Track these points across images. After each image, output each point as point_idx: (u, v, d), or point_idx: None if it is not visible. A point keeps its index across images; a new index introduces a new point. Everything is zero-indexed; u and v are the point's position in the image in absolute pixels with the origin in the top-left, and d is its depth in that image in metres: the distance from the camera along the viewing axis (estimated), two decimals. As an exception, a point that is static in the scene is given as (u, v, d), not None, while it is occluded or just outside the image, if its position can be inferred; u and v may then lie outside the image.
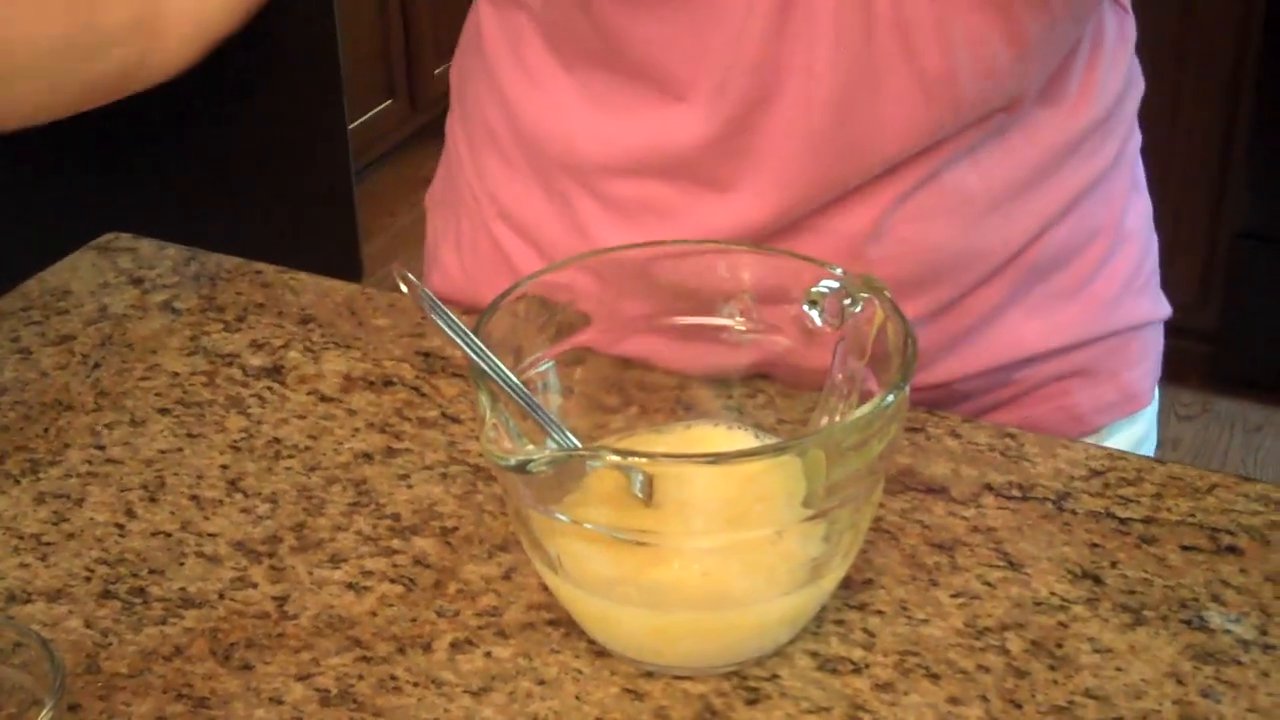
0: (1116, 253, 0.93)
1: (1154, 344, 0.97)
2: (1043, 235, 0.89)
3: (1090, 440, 0.93)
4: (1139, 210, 0.96)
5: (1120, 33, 0.91)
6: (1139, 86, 0.94)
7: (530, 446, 0.60)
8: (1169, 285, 0.96)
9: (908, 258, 0.85)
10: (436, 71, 3.37)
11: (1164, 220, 3.02)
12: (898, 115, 0.81)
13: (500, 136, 0.92)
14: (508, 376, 0.66)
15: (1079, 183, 0.89)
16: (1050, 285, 0.90)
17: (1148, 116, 0.96)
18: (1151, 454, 1.00)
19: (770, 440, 0.74)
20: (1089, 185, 0.90)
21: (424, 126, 3.44)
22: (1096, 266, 0.92)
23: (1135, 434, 0.97)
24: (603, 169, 0.87)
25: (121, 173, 1.85)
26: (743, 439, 0.74)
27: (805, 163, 0.82)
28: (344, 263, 2.45)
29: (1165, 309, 0.98)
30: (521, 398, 0.66)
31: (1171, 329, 0.99)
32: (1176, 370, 2.71)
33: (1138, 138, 0.96)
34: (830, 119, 0.81)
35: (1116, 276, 0.93)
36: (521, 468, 0.60)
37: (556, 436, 0.67)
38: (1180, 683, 0.67)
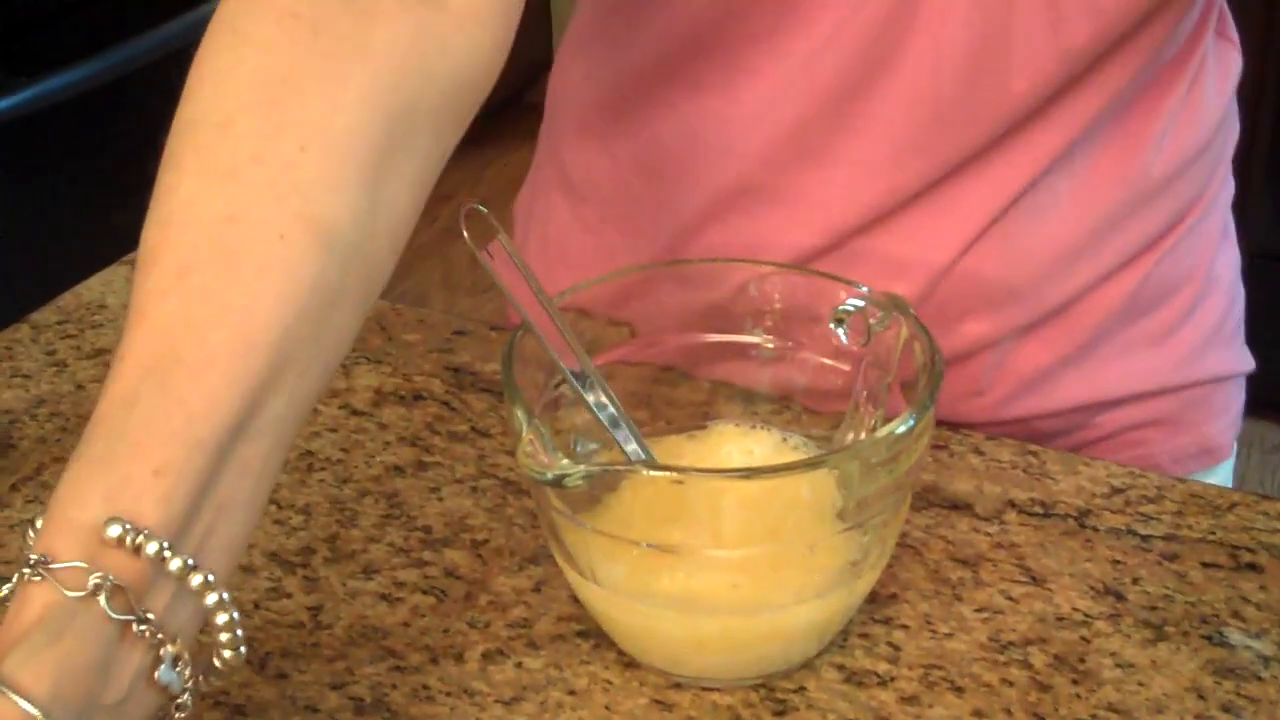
0: (1204, 300, 0.92)
1: (1236, 397, 0.97)
2: (1132, 272, 0.87)
3: None
4: (1228, 259, 0.95)
5: (1222, 67, 0.89)
6: (1235, 130, 0.93)
7: (566, 461, 0.61)
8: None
9: (997, 267, 0.84)
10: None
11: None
12: (1024, 81, 0.78)
13: (596, 126, 0.91)
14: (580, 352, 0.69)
15: (1167, 217, 0.88)
16: (1137, 330, 0.89)
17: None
18: None
19: (795, 441, 0.76)
20: (1178, 223, 0.88)
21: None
22: (1184, 314, 0.90)
23: None
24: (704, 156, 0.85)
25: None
26: (765, 438, 0.76)
27: (922, 132, 0.80)
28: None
29: (1249, 362, 0.97)
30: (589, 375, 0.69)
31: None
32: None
33: (1230, 185, 0.95)
34: (958, 83, 0.78)
35: (1203, 325, 0.92)
36: (558, 482, 0.61)
37: (621, 423, 0.69)
38: (1201, 698, 0.68)
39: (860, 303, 0.73)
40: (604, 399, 0.69)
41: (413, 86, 0.60)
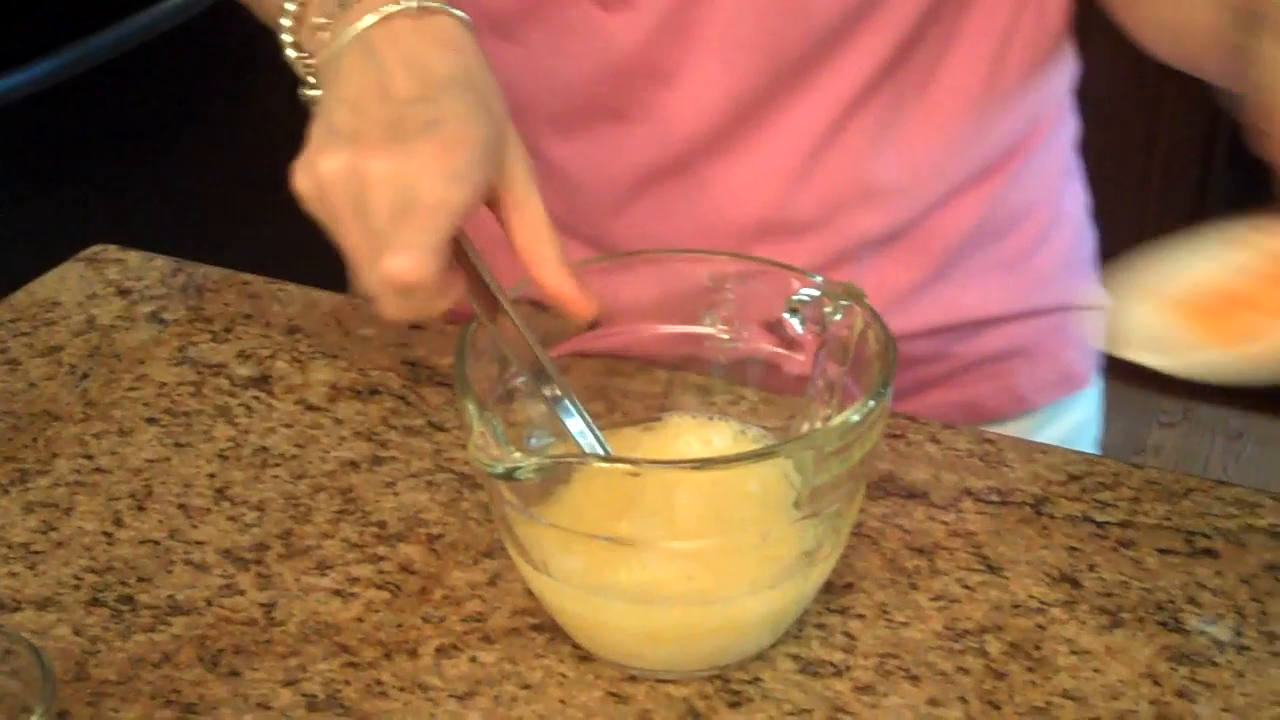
0: (1054, 231, 0.97)
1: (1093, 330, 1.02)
2: (980, 193, 0.92)
3: (1032, 420, 0.97)
4: (1076, 197, 1.01)
5: (1052, 3, 0.92)
6: (1071, 67, 0.97)
7: (517, 454, 0.61)
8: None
9: (847, 180, 0.89)
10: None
11: (1146, 231, 3.03)
12: None
13: None
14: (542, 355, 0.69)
15: (1011, 136, 0.92)
16: (991, 254, 0.94)
17: (1128, 128, 0.98)
18: (1095, 441, 1.05)
19: (753, 434, 0.75)
20: (1022, 148, 0.93)
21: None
22: (1036, 241, 0.96)
23: (1076, 419, 1.02)
24: (549, 103, 0.90)
25: (109, 185, 1.85)
26: (722, 429, 0.76)
27: (750, 33, 0.84)
28: (329, 274, 2.45)
29: (1105, 298, 1.01)
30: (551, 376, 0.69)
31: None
32: (1158, 378, 2.72)
33: (1072, 124, 1.00)
34: None
35: (1054, 253, 0.97)
36: (509, 475, 0.61)
37: (576, 415, 0.69)
38: (1156, 683, 0.68)
39: (815, 292, 0.72)
40: (558, 391, 0.69)
41: None
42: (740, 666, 0.69)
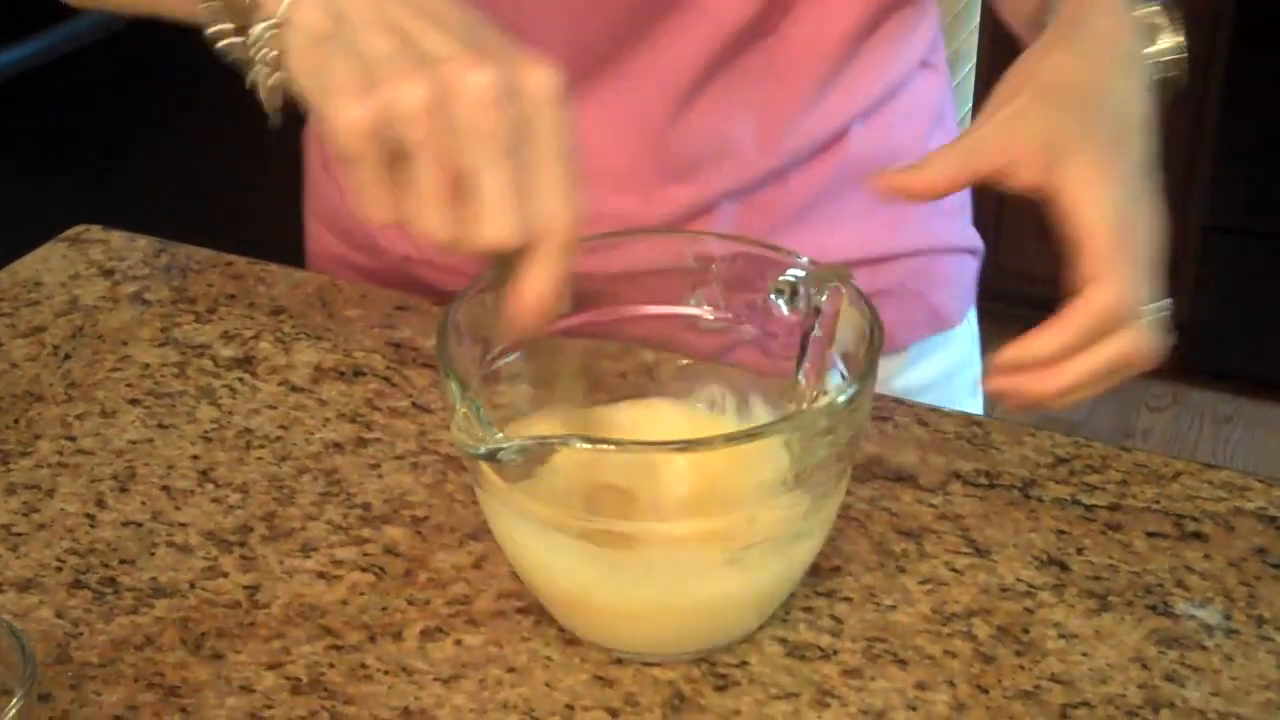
0: None
1: (964, 272, 1.02)
2: (846, 134, 0.92)
3: (899, 359, 0.98)
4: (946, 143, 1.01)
5: None
6: (934, 24, 0.98)
7: (499, 435, 0.61)
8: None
9: (713, 130, 0.89)
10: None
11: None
12: None
13: None
14: None
15: (868, 93, 0.93)
16: (852, 201, 0.94)
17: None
18: (976, 381, 1.05)
19: (738, 415, 0.75)
20: (885, 104, 0.94)
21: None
22: None
23: (948, 359, 1.02)
24: None
25: (93, 165, 1.84)
26: (706, 410, 0.75)
27: None
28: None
29: (976, 242, 1.03)
30: None
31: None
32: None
33: (942, 73, 1.01)
34: None
35: None
36: (491, 456, 0.60)
37: None
38: (1145, 667, 0.68)
39: (800, 273, 0.72)
40: None
41: None
42: (727, 649, 0.68)
